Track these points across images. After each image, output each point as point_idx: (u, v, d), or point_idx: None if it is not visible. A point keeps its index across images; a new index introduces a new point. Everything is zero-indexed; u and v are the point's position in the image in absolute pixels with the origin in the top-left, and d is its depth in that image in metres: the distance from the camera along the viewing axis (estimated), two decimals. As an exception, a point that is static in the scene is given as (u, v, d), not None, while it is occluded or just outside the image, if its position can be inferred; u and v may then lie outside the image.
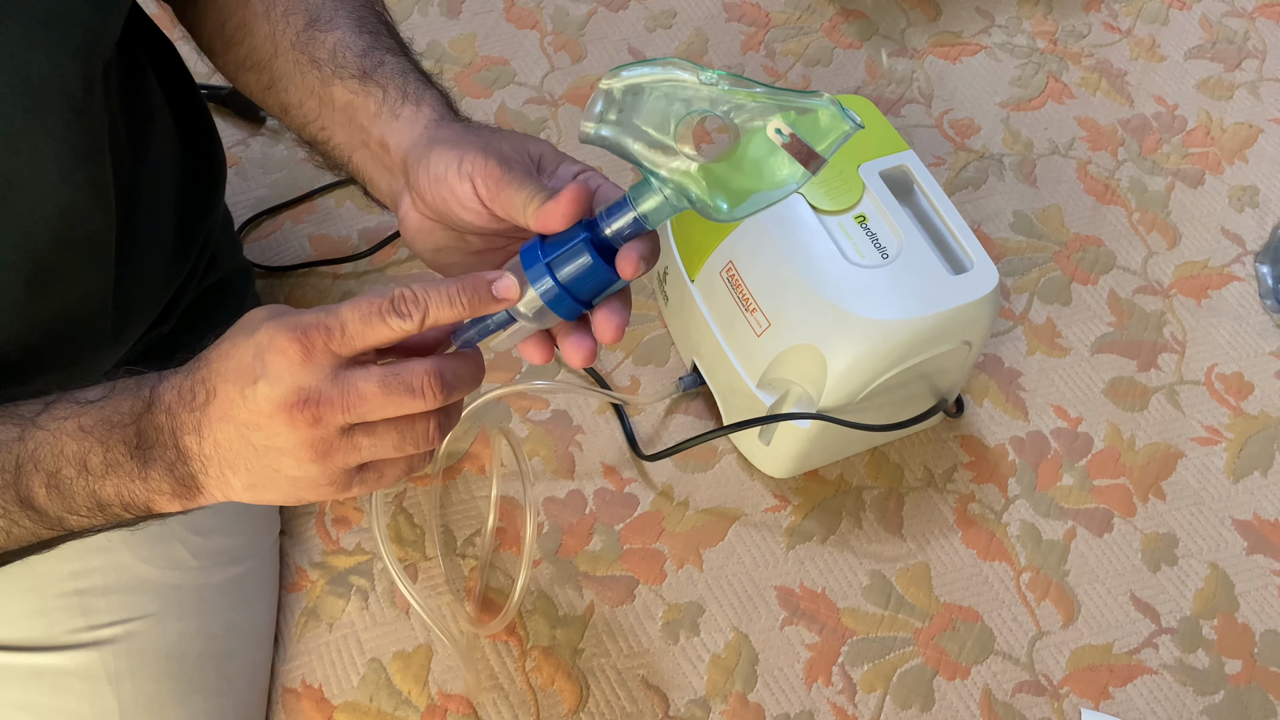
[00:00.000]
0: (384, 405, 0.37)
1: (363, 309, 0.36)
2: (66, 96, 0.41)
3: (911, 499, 0.70)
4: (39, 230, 0.43)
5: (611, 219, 0.38)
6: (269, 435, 0.37)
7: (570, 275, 0.38)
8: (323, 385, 0.36)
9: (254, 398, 0.36)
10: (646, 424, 0.72)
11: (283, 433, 0.36)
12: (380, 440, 0.37)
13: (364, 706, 0.60)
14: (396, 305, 0.36)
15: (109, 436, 0.39)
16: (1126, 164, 0.89)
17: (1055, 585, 0.68)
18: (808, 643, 0.64)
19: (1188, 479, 0.73)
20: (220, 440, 0.38)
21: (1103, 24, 0.98)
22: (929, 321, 0.61)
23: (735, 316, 0.65)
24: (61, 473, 0.39)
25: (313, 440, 0.37)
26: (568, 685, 0.62)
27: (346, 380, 0.36)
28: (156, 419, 0.39)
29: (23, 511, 0.40)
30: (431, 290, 0.37)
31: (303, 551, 0.65)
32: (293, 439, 0.37)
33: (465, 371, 0.38)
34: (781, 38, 0.95)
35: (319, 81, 0.48)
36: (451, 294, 0.37)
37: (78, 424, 0.39)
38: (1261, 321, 0.81)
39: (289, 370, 0.36)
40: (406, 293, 0.37)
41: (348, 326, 0.36)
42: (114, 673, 0.53)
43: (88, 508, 0.40)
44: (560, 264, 0.38)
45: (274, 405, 0.36)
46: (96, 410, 0.39)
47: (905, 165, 0.66)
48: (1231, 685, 0.65)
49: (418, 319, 0.36)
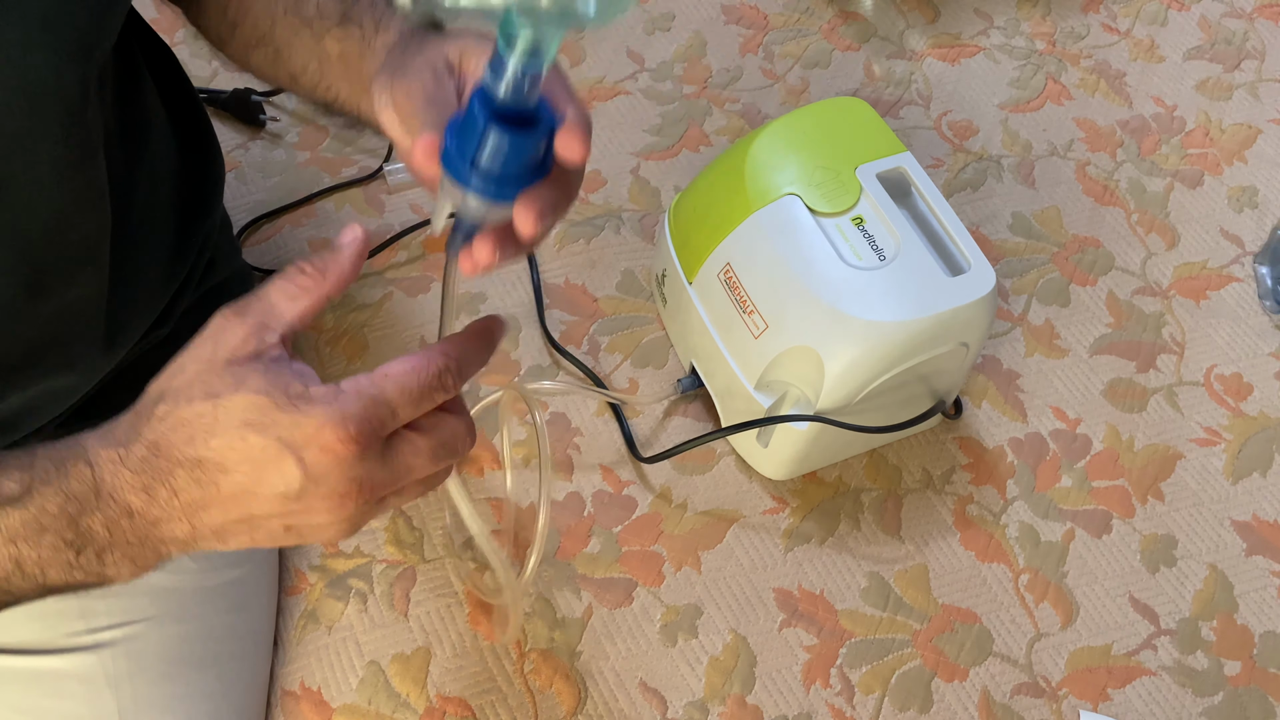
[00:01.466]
0: (429, 470, 0.36)
1: (413, 391, 0.34)
2: (63, 99, 0.42)
3: (910, 501, 0.70)
4: (34, 232, 0.43)
5: (496, 80, 0.32)
6: (300, 518, 0.35)
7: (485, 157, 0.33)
8: (375, 472, 0.34)
9: (295, 496, 0.34)
10: (645, 426, 0.72)
11: (320, 516, 0.35)
12: (407, 496, 0.37)
13: (363, 709, 0.60)
14: (444, 382, 0.35)
15: (40, 540, 0.35)
16: (1125, 165, 0.89)
17: (1054, 587, 0.68)
18: (806, 644, 0.64)
19: (1187, 480, 0.73)
20: (227, 524, 0.35)
21: (1101, 25, 0.98)
22: (926, 323, 0.61)
23: (733, 319, 0.65)
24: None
25: (350, 514, 0.35)
26: (566, 687, 0.62)
27: (396, 459, 0.35)
28: (112, 519, 0.35)
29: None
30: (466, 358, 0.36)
31: (301, 554, 0.65)
32: (328, 519, 0.35)
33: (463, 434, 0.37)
34: (780, 40, 0.95)
35: (313, 39, 0.48)
36: (479, 352, 0.37)
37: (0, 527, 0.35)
38: (1260, 322, 0.81)
39: (340, 468, 0.33)
40: (450, 367, 0.35)
41: (399, 413, 0.34)
42: (113, 675, 0.53)
43: (34, 591, 0.37)
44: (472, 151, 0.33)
45: (320, 500, 0.34)
46: (18, 512, 0.35)
47: (902, 167, 0.66)
48: (1231, 686, 0.65)
49: (460, 386, 0.36)
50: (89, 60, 0.43)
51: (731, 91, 0.91)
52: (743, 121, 0.89)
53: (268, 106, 0.85)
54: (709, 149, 0.87)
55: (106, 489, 0.35)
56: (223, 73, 0.89)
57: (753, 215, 0.65)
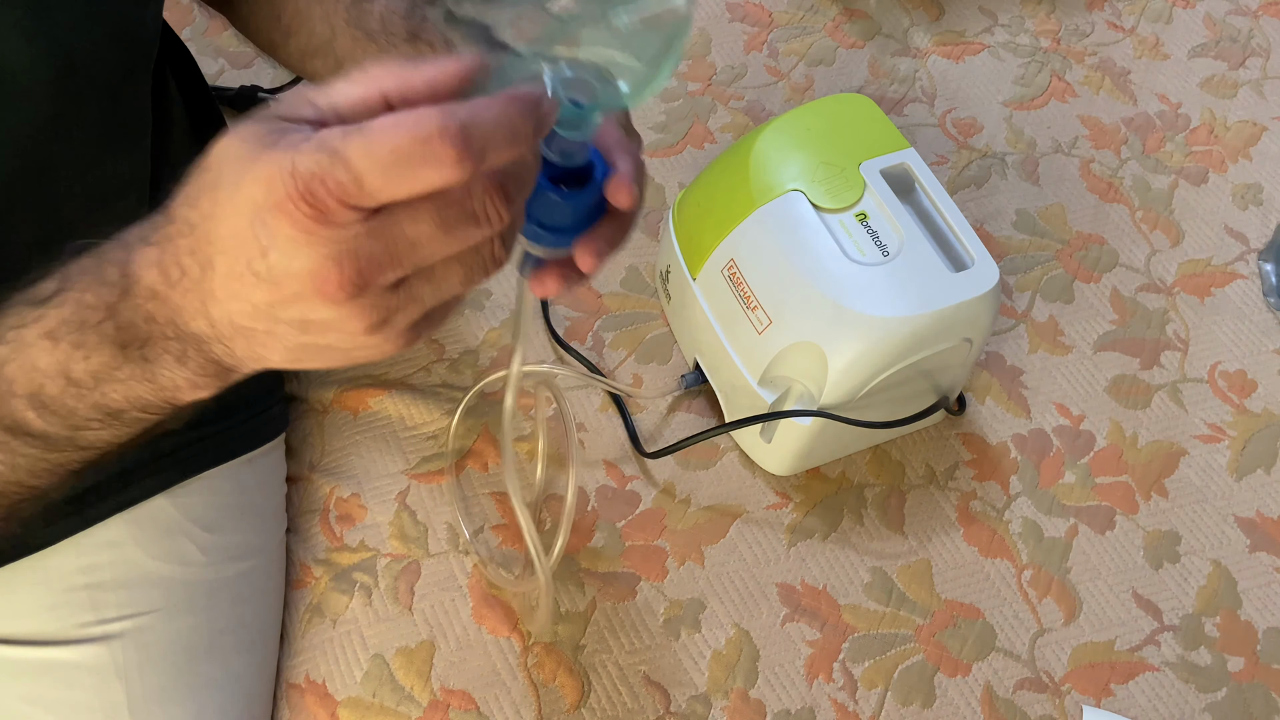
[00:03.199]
0: (445, 245, 0.29)
1: (383, 151, 0.26)
2: (104, 84, 0.42)
3: (913, 496, 0.71)
4: (68, 211, 0.43)
5: (546, 146, 0.34)
6: (304, 311, 0.29)
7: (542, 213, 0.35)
8: (358, 245, 0.27)
9: (270, 275, 0.28)
10: (648, 421, 0.72)
11: (321, 309, 0.29)
12: (443, 283, 0.30)
13: (367, 702, 0.61)
14: (435, 150, 0.26)
15: (83, 339, 0.32)
16: (1130, 162, 0.89)
17: (1057, 582, 0.68)
18: (809, 639, 0.65)
19: (1190, 476, 0.73)
20: (238, 319, 0.30)
21: (1106, 23, 0.98)
22: (929, 319, 0.61)
23: (737, 314, 0.65)
24: (45, 391, 0.33)
25: (362, 308, 0.29)
26: (569, 681, 0.62)
27: (388, 229, 0.28)
28: (142, 307, 0.31)
29: (18, 439, 0.34)
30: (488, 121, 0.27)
31: (307, 548, 0.66)
32: (336, 313, 0.29)
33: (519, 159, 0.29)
34: (784, 38, 0.95)
35: (378, 53, 0.48)
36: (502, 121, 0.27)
37: (39, 330, 0.32)
38: (1265, 319, 0.81)
39: (304, 240, 0.27)
40: (450, 129, 0.26)
41: (366, 179, 0.26)
42: (122, 667, 0.53)
43: (97, 420, 0.34)
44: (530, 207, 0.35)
45: (300, 281, 0.28)
46: (55, 310, 0.32)
47: (906, 163, 0.67)
48: (1234, 682, 0.65)
49: (469, 161, 0.27)
50: (130, 45, 0.43)
51: (736, 89, 0.91)
52: (747, 119, 0.89)
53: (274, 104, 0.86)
54: (713, 146, 0.87)
55: (133, 268, 0.31)
56: (229, 69, 0.89)
57: (756, 211, 0.65)
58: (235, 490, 0.60)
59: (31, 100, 0.41)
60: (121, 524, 0.55)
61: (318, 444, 0.70)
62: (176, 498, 0.56)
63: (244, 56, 0.90)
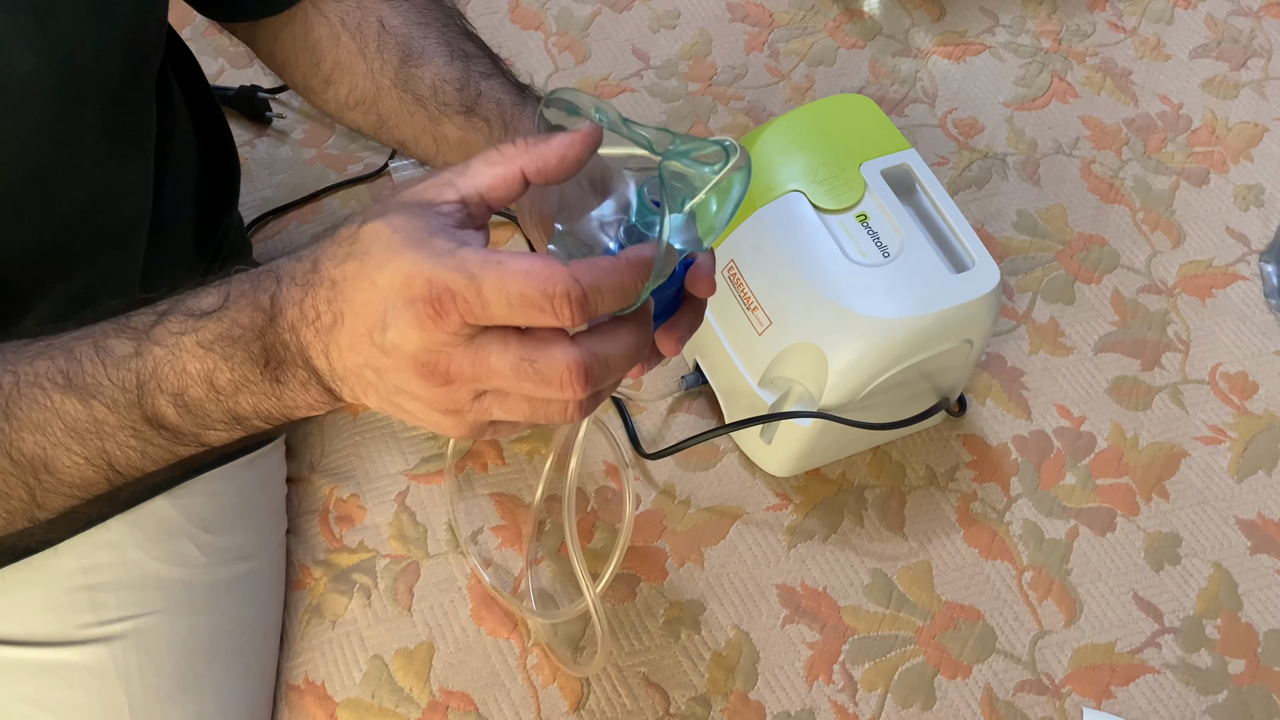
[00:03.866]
0: (517, 386, 0.34)
1: (512, 293, 0.31)
2: (106, 87, 0.42)
3: (913, 498, 0.71)
4: (71, 215, 0.44)
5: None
6: (400, 381, 0.34)
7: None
8: (454, 353, 0.33)
9: (383, 344, 0.33)
10: (648, 423, 0.72)
11: (414, 384, 0.34)
12: (512, 410, 0.35)
13: (366, 703, 0.61)
14: (556, 308, 0.31)
15: (233, 354, 0.37)
16: (1131, 163, 0.88)
17: (1057, 584, 0.68)
18: (809, 641, 0.65)
19: (1191, 478, 0.73)
20: (350, 368, 0.35)
21: (1107, 23, 0.98)
22: (930, 320, 0.61)
23: (737, 315, 0.65)
24: (189, 392, 0.37)
25: (443, 398, 0.34)
26: (568, 682, 0.62)
27: (480, 351, 0.33)
28: (282, 336, 0.36)
29: (154, 430, 0.38)
30: (599, 292, 0.32)
31: (306, 549, 0.66)
32: (424, 392, 0.34)
33: (618, 358, 0.34)
34: (785, 38, 0.95)
35: (428, 119, 0.49)
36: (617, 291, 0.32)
37: (196, 340, 0.37)
38: (1266, 321, 0.81)
39: (417, 332, 0.33)
40: (573, 294, 0.31)
41: (490, 307, 0.32)
42: (123, 668, 0.53)
43: (224, 422, 0.38)
44: None
45: (404, 358, 0.33)
46: (214, 324, 0.37)
47: (907, 164, 0.66)
48: (1235, 685, 0.65)
49: (580, 321, 0.32)
50: (133, 49, 0.43)
51: (736, 89, 0.91)
52: (748, 119, 0.89)
53: (274, 104, 0.86)
54: (714, 147, 0.87)
55: (280, 301, 0.36)
56: (229, 70, 0.89)
57: (757, 212, 0.65)
58: (235, 491, 0.60)
59: (35, 105, 0.41)
60: (122, 525, 0.55)
61: (317, 445, 0.70)
62: (177, 499, 0.56)
63: (244, 57, 0.90)
